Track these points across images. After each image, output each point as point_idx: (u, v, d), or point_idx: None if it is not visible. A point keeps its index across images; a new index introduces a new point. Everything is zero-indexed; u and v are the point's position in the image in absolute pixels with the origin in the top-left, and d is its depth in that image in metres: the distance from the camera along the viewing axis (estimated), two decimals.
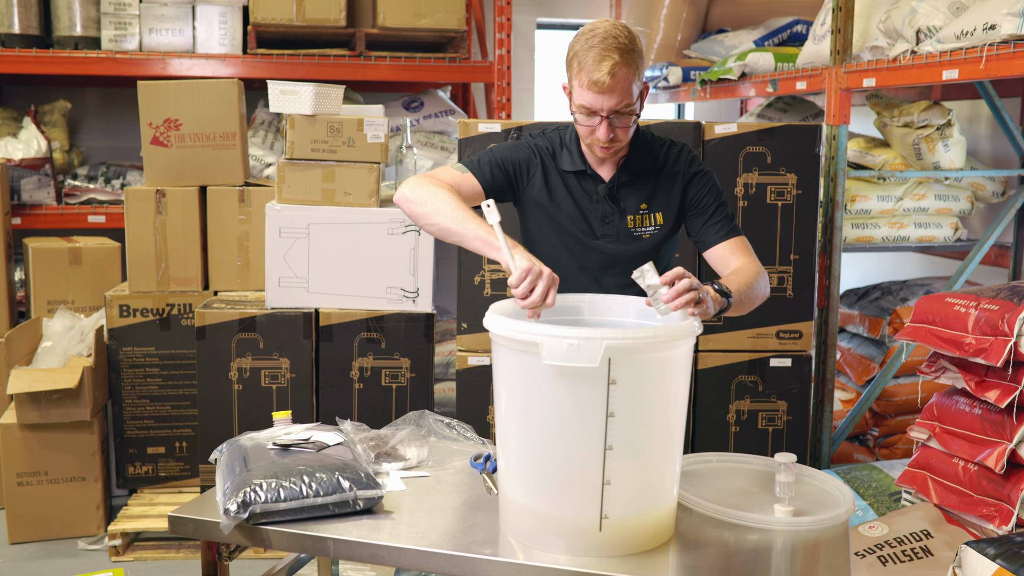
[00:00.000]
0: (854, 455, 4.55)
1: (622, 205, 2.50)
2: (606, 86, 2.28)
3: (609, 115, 2.33)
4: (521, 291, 2.04)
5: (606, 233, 2.51)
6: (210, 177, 4.17)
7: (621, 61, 2.28)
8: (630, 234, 2.51)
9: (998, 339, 2.84)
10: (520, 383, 1.93)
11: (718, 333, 3.75)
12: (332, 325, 3.77)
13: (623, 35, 2.32)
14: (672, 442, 1.97)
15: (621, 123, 2.35)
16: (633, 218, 2.50)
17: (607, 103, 2.31)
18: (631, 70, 2.30)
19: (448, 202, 2.29)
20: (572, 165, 2.50)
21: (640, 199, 2.51)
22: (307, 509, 2.06)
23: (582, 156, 2.51)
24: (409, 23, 4.87)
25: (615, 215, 2.50)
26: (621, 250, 2.51)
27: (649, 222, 2.51)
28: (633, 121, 2.39)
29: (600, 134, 2.36)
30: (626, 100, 2.32)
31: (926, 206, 4.36)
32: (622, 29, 2.33)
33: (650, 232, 2.52)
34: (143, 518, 3.99)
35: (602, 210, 2.50)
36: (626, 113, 2.34)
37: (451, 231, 2.27)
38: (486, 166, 2.48)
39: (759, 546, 1.98)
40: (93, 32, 4.89)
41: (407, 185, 2.38)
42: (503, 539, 2.01)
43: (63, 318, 4.31)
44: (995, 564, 2.34)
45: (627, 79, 2.30)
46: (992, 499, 2.91)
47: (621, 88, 2.30)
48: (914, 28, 3.62)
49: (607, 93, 2.30)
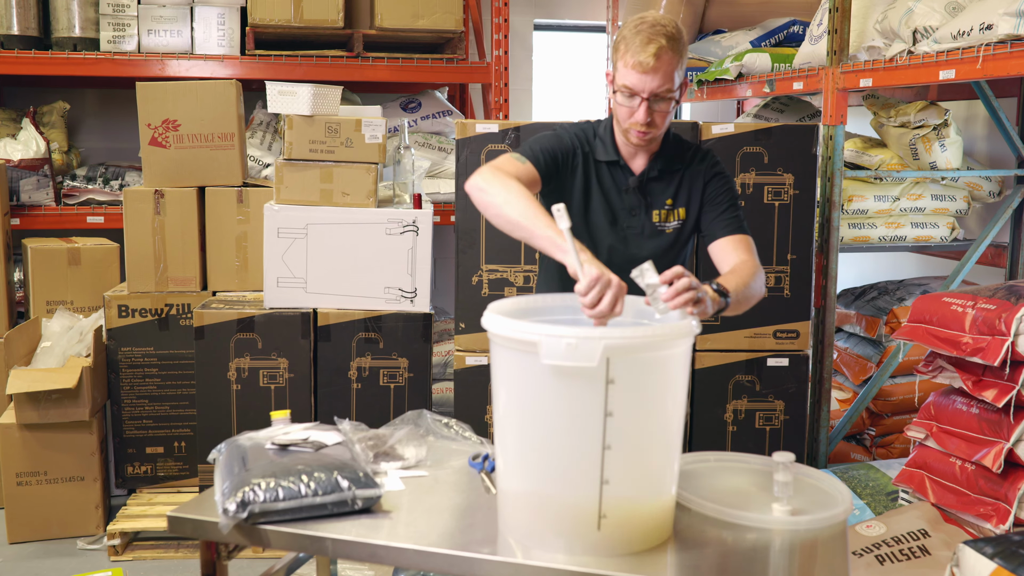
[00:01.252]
0: (851, 454, 4.56)
1: (649, 199, 2.57)
2: (650, 67, 2.36)
3: (649, 97, 2.40)
4: (589, 300, 2.01)
5: (631, 225, 2.58)
6: (208, 178, 4.17)
7: (667, 46, 2.36)
8: (654, 228, 2.58)
9: (995, 338, 2.85)
10: (518, 383, 1.94)
11: (715, 333, 3.76)
12: (330, 325, 3.78)
13: (671, 25, 2.41)
14: (671, 441, 1.98)
15: (660, 108, 2.43)
16: (659, 212, 2.57)
17: (649, 84, 2.38)
18: (675, 56, 2.38)
19: (520, 196, 2.29)
20: (606, 155, 2.57)
21: (667, 194, 2.58)
22: (306, 508, 2.06)
23: (616, 147, 2.57)
24: (407, 24, 4.88)
25: (642, 208, 2.57)
26: (643, 245, 2.58)
27: (673, 217, 2.59)
28: (672, 108, 2.46)
29: (639, 116, 2.43)
30: (667, 84, 2.39)
31: (923, 206, 4.38)
32: (671, 20, 2.43)
33: (673, 227, 2.59)
34: (142, 518, 3.99)
35: (630, 202, 2.57)
36: (666, 98, 2.42)
37: (520, 226, 2.27)
38: (540, 155, 2.51)
39: (757, 545, 1.98)
40: (92, 33, 4.89)
41: (480, 175, 2.38)
42: (502, 538, 2.01)
43: (62, 318, 4.32)
44: (993, 563, 2.35)
45: (671, 64, 2.38)
46: (989, 498, 2.92)
47: (664, 71, 2.38)
48: (911, 28, 3.63)
49: (650, 74, 2.37)
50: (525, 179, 2.43)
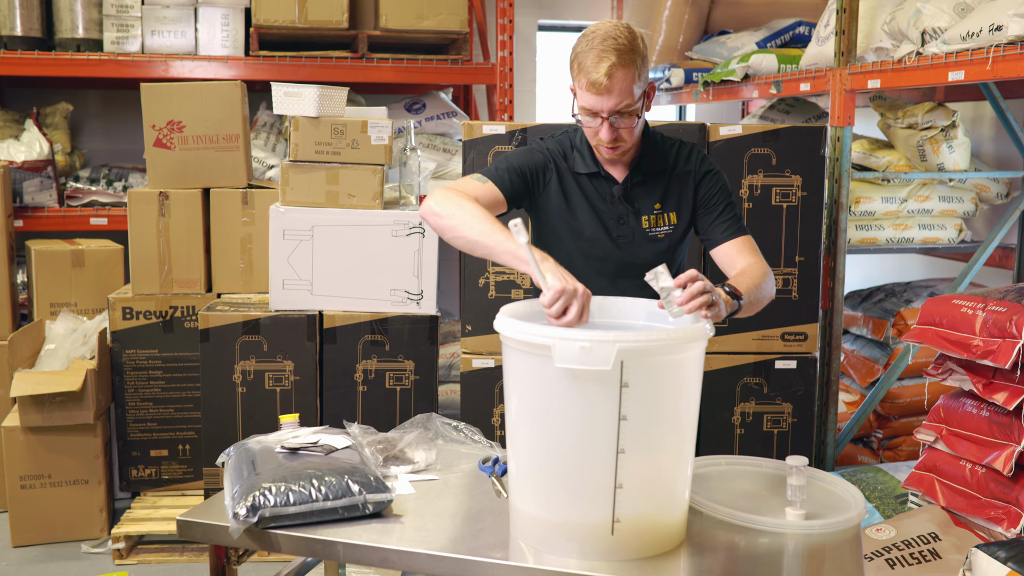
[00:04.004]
0: (858, 457, 4.55)
1: (636, 205, 2.51)
2: (604, 87, 2.29)
3: (610, 116, 2.33)
4: (555, 311, 2.00)
5: (621, 234, 2.51)
6: (213, 179, 4.16)
7: (618, 62, 2.28)
8: (645, 235, 2.51)
9: (1006, 341, 2.84)
10: (531, 386, 1.92)
11: (723, 335, 3.74)
12: (336, 327, 3.76)
13: (623, 36, 2.31)
14: (684, 445, 1.96)
15: (623, 124, 2.35)
16: (648, 218, 2.51)
17: (606, 104, 2.31)
18: (629, 71, 2.29)
19: (475, 215, 2.26)
20: (585, 167, 2.51)
21: (654, 199, 2.51)
22: (316, 513, 2.04)
23: (594, 158, 2.51)
24: (411, 25, 4.87)
25: (630, 216, 2.51)
26: (637, 252, 2.52)
27: (663, 222, 2.52)
28: (637, 122, 2.38)
29: (603, 135, 2.36)
30: (626, 101, 2.32)
31: (930, 207, 4.36)
32: (623, 30, 2.33)
33: (665, 232, 2.53)
34: (146, 521, 3.98)
35: (617, 211, 2.51)
36: (627, 114, 2.34)
37: (479, 244, 2.25)
38: (504, 174, 2.47)
39: (771, 550, 1.97)
40: (95, 34, 4.89)
41: (432, 199, 2.35)
42: (513, 543, 2.00)
43: (66, 320, 4.30)
44: (1006, 567, 2.34)
45: (625, 80, 2.29)
46: (1000, 502, 2.90)
47: (620, 89, 2.30)
48: (919, 29, 3.61)
49: (605, 94, 2.30)
50: (485, 199, 2.39)
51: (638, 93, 2.34)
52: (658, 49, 5.81)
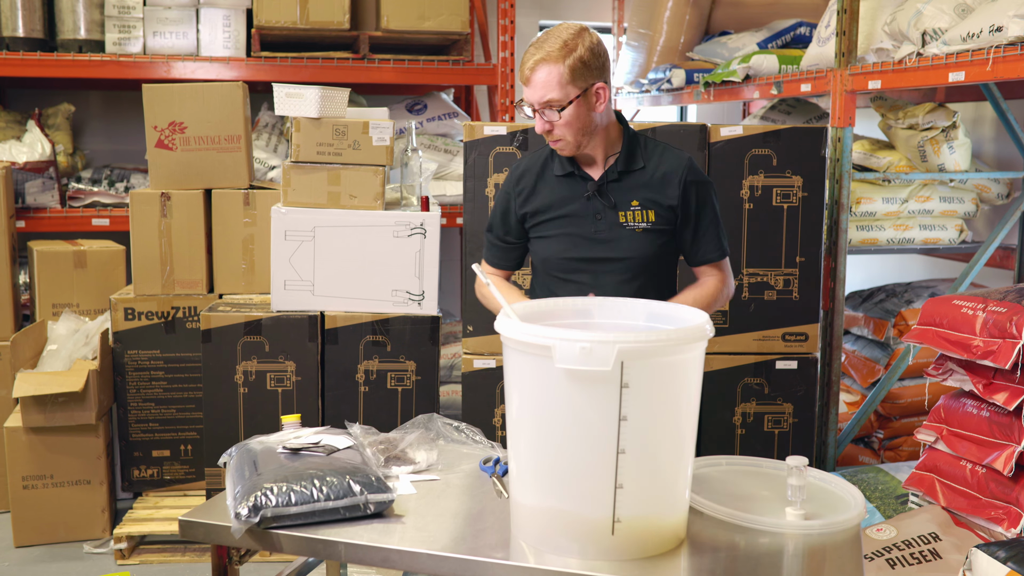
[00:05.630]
0: (859, 457, 4.55)
1: (612, 200, 2.59)
2: (526, 79, 2.47)
3: (540, 108, 2.47)
4: None
5: (599, 229, 2.60)
6: (215, 180, 4.17)
7: (545, 58, 2.42)
8: (622, 228, 2.59)
9: (1006, 341, 2.84)
10: (532, 387, 1.93)
11: (724, 336, 3.75)
12: (337, 328, 3.77)
13: (564, 34, 2.45)
14: (684, 445, 1.97)
15: (552, 118, 2.47)
16: (624, 214, 2.59)
17: (531, 96, 2.47)
18: (556, 67, 2.42)
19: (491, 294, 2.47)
20: (562, 169, 2.63)
21: (631, 197, 2.59)
22: (318, 513, 2.05)
23: (571, 160, 2.62)
24: (412, 25, 4.87)
25: (605, 210, 2.59)
26: (615, 246, 2.59)
27: (641, 218, 2.59)
28: (566, 117, 2.46)
29: (536, 126, 2.51)
30: (550, 95, 2.44)
31: (931, 208, 4.36)
32: (568, 31, 2.46)
33: (642, 227, 2.59)
34: (148, 521, 3.99)
35: (593, 207, 2.60)
36: (554, 108, 2.46)
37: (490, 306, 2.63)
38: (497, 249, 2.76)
39: (771, 550, 1.98)
40: (97, 35, 4.89)
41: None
42: (514, 543, 2.00)
43: (68, 321, 4.31)
44: (1006, 567, 2.34)
45: (549, 75, 2.42)
46: (1000, 502, 2.91)
47: (542, 83, 2.43)
48: (920, 30, 3.62)
49: (528, 87, 2.47)
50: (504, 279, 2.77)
51: (569, 91, 2.44)
52: (659, 50, 5.82)
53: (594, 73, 2.47)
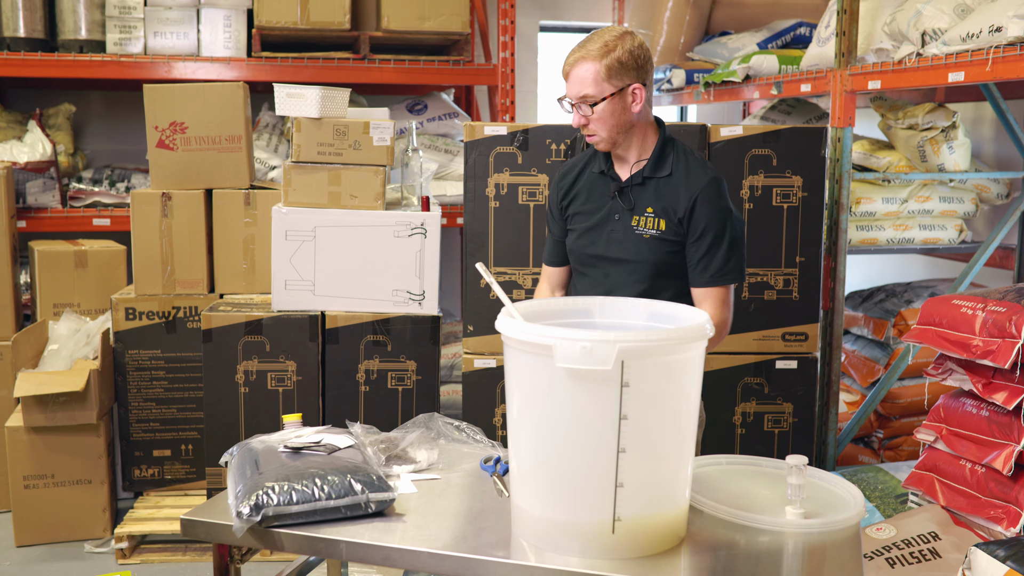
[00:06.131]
0: (859, 457, 4.56)
1: (632, 203, 2.64)
2: (567, 74, 2.57)
3: (575, 103, 2.57)
4: None
5: (614, 229, 2.65)
6: (215, 180, 4.17)
7: (584, 56, 2.53)
8: (632, 231, 2.63)
9: (1006, 341, 2.85)
10: (533, 386, 1.93)
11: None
12: (338, 328, 3.77)
13: (607, 35, 2.54)
14: (684, 444, 1.97)
15: (588, 113, 2.56)
16: (639, 219, 2.63)
17: (569, 90, 2.58)
18: (595, 64, 2.52)
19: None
20: (598, 167, 2.71)
21: (648, 202, 2.63)
22: (319, 512, 2.06)
23: (607, 159, 2.69)
24: (413, 26, 4.88)
25: (624, 212, 2.64)
26: (625, 248, 2.63)
27: (652, 224, 2.62)
28: (600, 112, 2.55)
29: (573, 120, 2.61)
30: (585, 90, 2.53)
31: (931, 208, 4.37)
32: (612, 32, 2.55)
33: (650, 233, 2.62)
34: (149, 521, 3.99)
35: (614, 207, 2.66)
36: (589, 104, 2.54)
37: None
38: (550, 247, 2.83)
39: (771, 548, 1.98)
40: (98, 35, 4.90)
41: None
42: (515, 541, 2.01)
43: (69, 321, 4.32)
44: (1005, 566, 2.35)
45: (587, 71, 2.52)
46: (1000, 501, 2.91)
47: (580, 78, 2.54)
48: (919, 30, 3.62)
49: (567, 80, 2.58)
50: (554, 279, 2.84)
51: (604, 88, 2.53)
52: (659, 50, 5.83)
53: (631, 74, 2.55)
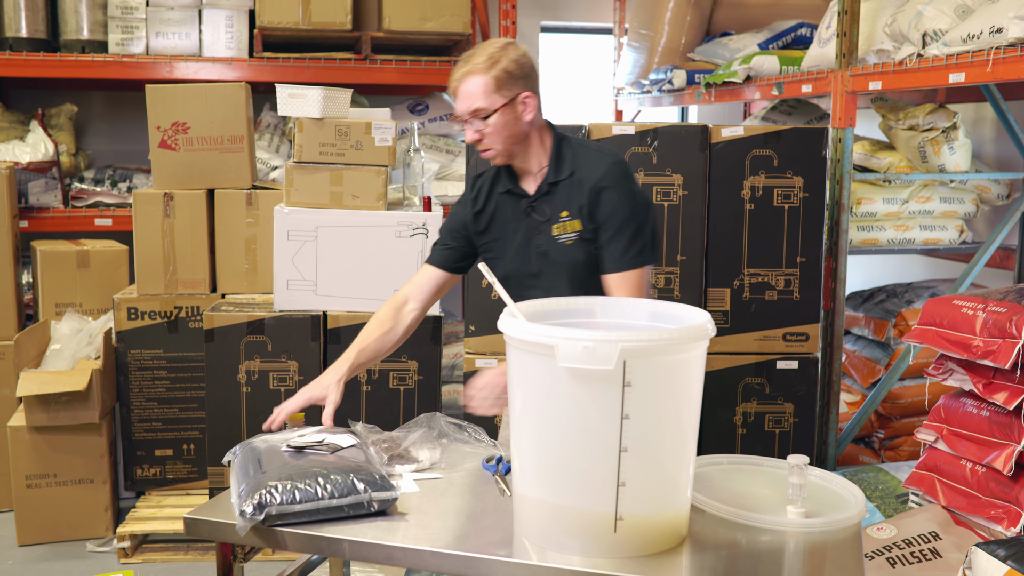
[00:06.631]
0: (859, 457, 4.56)
1: (547, 214, 2.61)
2: (455, 91, 2.55)
3: (468, 118, 2.55)
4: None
5: (539, 244, 2.62)
6: (218, 180, 4.18)
7: (471, 70, 2.51)
8: (555, 242, 2.61)
9: (1006, 341, 2.85)
10: (535, 386, 1.94)
11: (725, 336, 3.76)
12: (340, 328, 3.78)
13: (490, 48, 2.53)
14: (686, 443, 1.98)
15: (479, 127, 2.54)
16: (557, 226, 2.60)
17: (459, 107, 2.56)
18: (483, 77, 2.49)
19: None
20: (503, 186, 2.68)
21: (560, 207, 2.60)
22: (322, 511, 2.06)
23: (509, 175, 2.68)
24: (414, 26, 4.89)
25: (542, 224, 2.62)
26: (556, 260, 2.61)
27: (570, 228, 2.60)
28: (493, 125, 2.52)
29: (466, 136, 2.59)
30: (476, 104, 2.51)
31: (931, 208, 4.38)
32: (494, 45, 2.54)
33: (572, 239, 2.60)
34: (151, 520, 4.00)
35: (531, 223, 2.63)
36: (481, 118, 2.52)
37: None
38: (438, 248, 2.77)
39: (772, 547, 1.99)
40: (100, 36, 4.91)
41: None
42: (517, 540, 2.01)
43: (71, 321, 4.32)
44: (1006, 565, 2.35)
45: (476, 85, 2.50)
46: (1000, 501, 2.92)
47: (469, 93, 2.51)
48: (920, 31, 3.63)
49: (456, 98, 2.55)
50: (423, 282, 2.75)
51: (495, 100, 2.50)
52: (660, 50, 5.83)
53: (520, 83, 2.53)
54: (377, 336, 2.66)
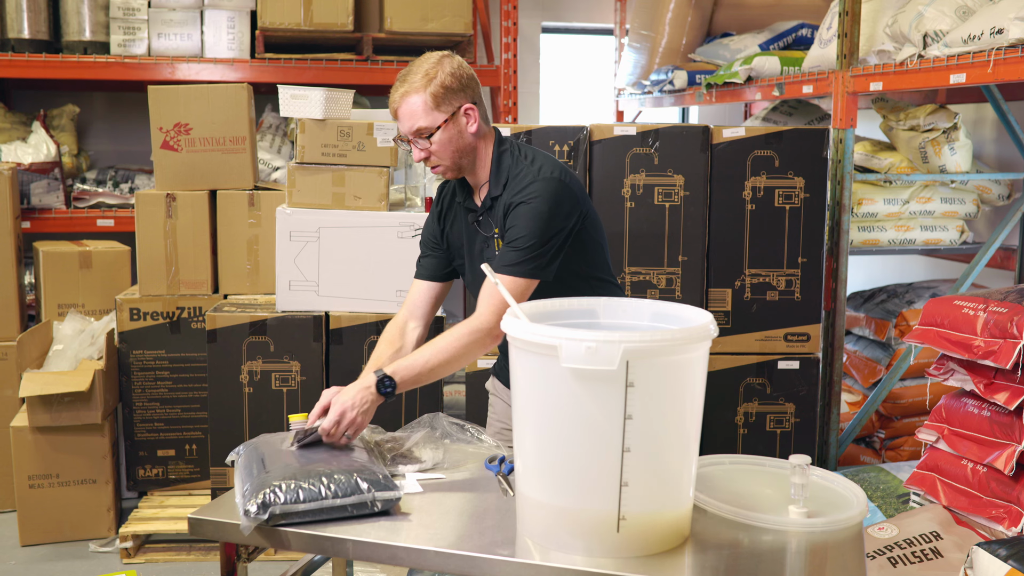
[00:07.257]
0: (860, 457, 4.57)
1: (490, 230, 2.58)
2: (395, 112, 2.50)
3: (412, 139, 2.49)
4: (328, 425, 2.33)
5: (489, 257, 2.55)
6: (220, 181, 4.19)
7: (408, 89, 2.45)
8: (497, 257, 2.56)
9: (1007, 341, 2.86)
10: (538, 386, 1.95)
11: (727, 336, 3.77)
12: (342, 328, 3.79)
13: (425, 64, 2.46)
14: (689, 444, 1.99)
15: (425, 146, 2.49)
16: (499, 241, 2.55)
17: (401, 127, 2.50)
18: (422, 95, 2.44)
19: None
20: (460, 197, 2.66)
21: (495, 223, 2.56)
22: (326, 511, 2.07)
23: (464, 188, 2.64)
24: (416, 27, 4.90)
25: (489, 239, 2.59)
26: None
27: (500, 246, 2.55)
28: (438, 141, 2.47)
29: (413, 156, 2.53)
30: (419, 123, 2.46)
31: (932, 209, 4.38)
32: (429, 60, 2.48)
33: None
34: (154, 520, 4.01)
35: (480, 238, 2.61)
36: (425, 136, 2.47)
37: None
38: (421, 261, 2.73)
39: (774, 547, 1.99)
40: (102, 37, 4.92)
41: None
42: (520, 540, 2.02)
43: (73, 321, 4.33)
44: (1007, 565, 2.36)
45: (416, 104, 2.45)
46: (1001, 501, 2.93)
47: (410, 113, 2.46)
48: (921, 32, 3.64)
49: (398, 119, 2.50)
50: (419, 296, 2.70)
51: (436, 117, 2.46)
52: (661, 51, 5.84)
53: (459, 95, 2.47)
54: (389, 355, 2.60)
